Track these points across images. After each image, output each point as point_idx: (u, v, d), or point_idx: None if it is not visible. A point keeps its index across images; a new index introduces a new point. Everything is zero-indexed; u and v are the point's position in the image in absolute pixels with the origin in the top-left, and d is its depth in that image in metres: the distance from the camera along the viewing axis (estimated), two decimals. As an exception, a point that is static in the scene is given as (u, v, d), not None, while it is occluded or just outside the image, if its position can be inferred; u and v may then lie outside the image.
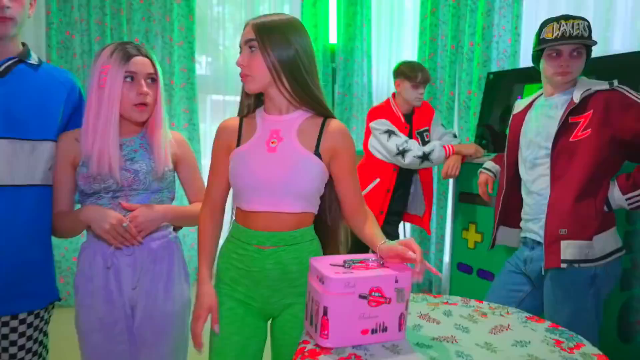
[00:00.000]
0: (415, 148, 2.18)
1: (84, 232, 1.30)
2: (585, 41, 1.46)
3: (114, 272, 1.26)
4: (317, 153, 1.13)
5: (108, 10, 2.73)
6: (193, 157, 1.40)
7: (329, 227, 1.25)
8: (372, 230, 1.16)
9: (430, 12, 2.94)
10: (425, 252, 3.12)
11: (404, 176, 2.36)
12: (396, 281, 0.95)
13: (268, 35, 1.09)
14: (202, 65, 3.36)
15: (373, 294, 0.94)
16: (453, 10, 2.81)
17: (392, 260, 1.02)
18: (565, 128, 1.47)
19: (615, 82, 1.46)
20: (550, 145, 1.49)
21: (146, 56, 1.26)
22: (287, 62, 1.09)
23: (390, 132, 2.22)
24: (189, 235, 3.18)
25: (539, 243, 1.54)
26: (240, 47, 1.13)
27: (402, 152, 2.18)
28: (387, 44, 3.48)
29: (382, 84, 3.53)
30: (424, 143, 2.34)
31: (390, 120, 2.29)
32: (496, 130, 2.37)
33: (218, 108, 3.45)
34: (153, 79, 1.27)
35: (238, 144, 1.16)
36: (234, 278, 1.17)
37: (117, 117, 1.23)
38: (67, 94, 1.30)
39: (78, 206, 1.31)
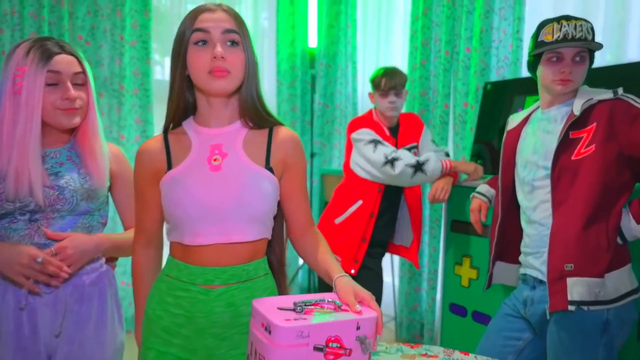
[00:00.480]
0: (407, 156, 2.13)
1: None
2: (589, 44, 1.44)
3: (28, 314, 1.18)
4: (268, 167, 1.11)
5: (46, 2, 2.68)
6: (131, 173, 1.32)
7: (276, 257, 1.21)
8: (325, 257, 1.14)
9: (422, 13, 2.95)
10: (415, 290, 3.06)
11: (391, 198, 2.30)
12: (358, 328, 0.90)
13: (244, 26, 1.08)
14: (163, 68, 3.32)
15: (331, 344, 0.88)
16: (447, 11, 2.81)
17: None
18: (565, 144, 1.45)
19: (620, 91, 1.44)
20: (549, 164, 1.47)
21: (71, 53, 1.21)
22: (254, 63, 1.10)
23: (376, 142, 2.18)
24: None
25: (541, 281, 1.51)
26: (199, 39, 1.05)
27: (392, 161, 2.12)
28: (374, 49, 3.49)
29: (368, 94, 3.50)
30: None
31: (375, 131, 2.26)
32: (495, 148, 2.34)
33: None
34: (81, 79, 1.22)
35: (169, 167, 1.11)
36: (168, 328, 1.10)
37: (39, 127, 1.16)
38: None
39: None
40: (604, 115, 1.41)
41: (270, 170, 1.11)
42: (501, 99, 2.41)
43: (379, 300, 2.35)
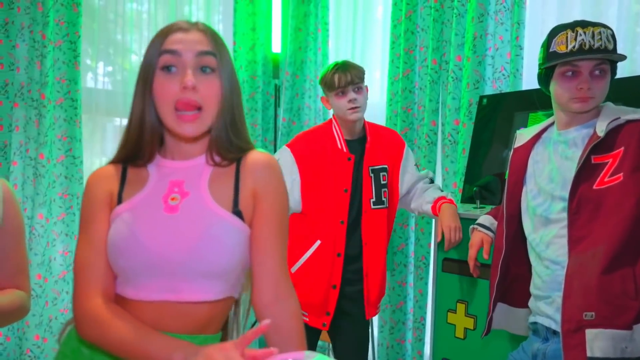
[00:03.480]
0: None
1: None
2: (610, 55, 1.44)
3: None
4: (236, 211, 1.07)
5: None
6: (18, 218, 1.29)
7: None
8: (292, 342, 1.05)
9: (405, 16, 2.96)
10: (399, 342, 2.98)
11: (360, 233, 2.17)
12: None
13: (222, 46, 1.09)
14: (95, 75, 3.23)
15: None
16: (435, 14, 2.82)
17: None
18: (586, 171, 1.44)
19: None
20: (567, 195, 1.45)
21: None
22: (233, 94, 1.09)
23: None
24: None
25: (554, 332, 1.47)
26: (167, 63, 1.04)
27: None
28: (349, 56, 3.48)
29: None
30: (379, 188, 2.17)
31: (323, 148, 2.15)
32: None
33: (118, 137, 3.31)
34: None
35: (119, 201, 1.07)
36: None
37: None
38: None
39: None
40: (635, 137, 1.41)
41: (239, 214, 1.06)
42: (500, 116, 2.40)
43: (365, 353, 2.25)
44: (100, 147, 3.28)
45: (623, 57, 1.46)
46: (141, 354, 0.96)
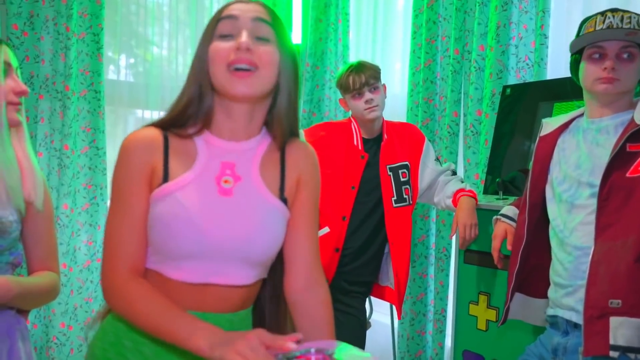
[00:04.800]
0: None
1: None
2: (636, 37, 1.41)
3: None
4: (282, 198, 1.07)
5: (-24, -17, 2.58)
6: (48, 206, 1.31)
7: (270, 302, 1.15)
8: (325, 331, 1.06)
9: (426, 5, 2.91)
10: (419, 334, 2.96)
11: (363, 232, 2.18)
12: None
13: (280, 22, 1.05)
14: (117, 67, 3.26)
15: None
16: (457, 3, 2.78)
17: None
18: (620, 159, 1.40)
19: None
20: (597, 181, 1.42)
21: None
22: (293, 67, 1.06)
23: None
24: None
25: (576, 325, 1.44)
26: (224, 29, 1.02)
27: None
28: (369, 47, 3.46)
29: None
30: (399, 186, 2.18)
31: (338, 141, 2.16)
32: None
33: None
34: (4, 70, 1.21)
35: (165, 177, 1.00)
36: None
37: None
38: None
39: None
40: None
41: (285, 201, 1.06)
42: (523, 106, 2.36)
43: (361, 347, 2.24)
44: (122, 139, 3.29)
45: None
46: (165, 332, 0.94)
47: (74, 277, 2.89)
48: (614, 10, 1.44)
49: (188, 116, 1.04)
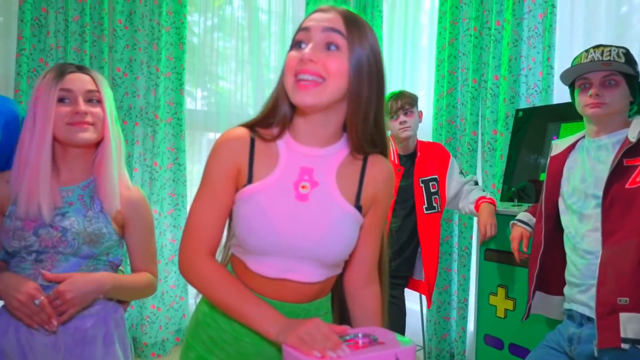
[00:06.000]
0: None
1: None
2: (616, 67, 1.36)
3: (29, 353, 1.10)
4: (357, 205, 0.96)
5: (88, 37, 2.70)
6: (147, 220, 1.26)
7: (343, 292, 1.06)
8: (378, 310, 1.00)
9: (448, 43, 2.89)
10: (445, 319, 2.91)
11: (401, 235, 2.17)
12: None
13: (358, 30, 0.89)
14: (194, 99, 3.32)
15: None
16: (474, 40, 2.74)
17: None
18: (618, 172, 1.36)
19: None
20: (600, 193, 1.37)
21: (87, 74, 1.17)
22: (369, 74, 0.89)
23: None
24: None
25: (589, 318, 1.39)
26: (298, 40, 0.90)
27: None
28: (398, 78, 3.43)
29: None
30: (430, 195, 2.16)
31: None
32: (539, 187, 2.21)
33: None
34: (95, 97, 1.15)
35: (249, 179, 0.93)
36: (213, 339, 0.98)
37: (49, 143, 1.11)
38: (6, 125, 1.18)
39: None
40: None
41: (359, 208, 0.95)
42: (534, 126, 2.30)
43: (402, 331, 2.22)
44: (198, 156, 3.35)
45: (630, 69, 1.37)
46: (235, 312, 0.90)
47: (161, 269, 2.94)
48: (597, 47, 1.42)
49: (273, 118, 0.95)
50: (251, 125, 0.97)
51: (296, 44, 0.90)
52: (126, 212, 1.20)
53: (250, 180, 0.93)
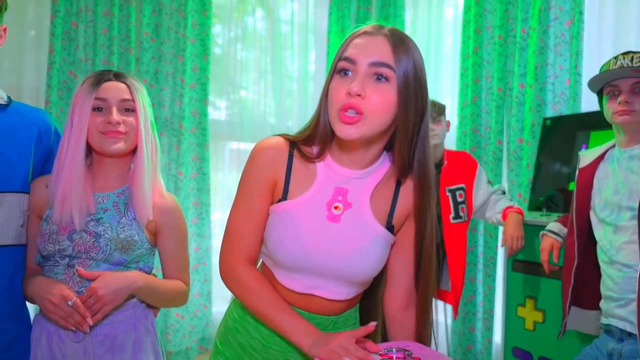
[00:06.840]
0: None
1: None
2: None
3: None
4: (389, 225, 0.95)
5: (116, 49, 2.76)
6: (180, 228, 1.25)
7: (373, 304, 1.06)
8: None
9: (472, 52, 2.86)
10: (470, 330, 2.86)
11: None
12: None
13: (405, 53, 0.86)
14: (218, 109, 3.35)
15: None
16: (499, 48, 2.71)
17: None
18: None
19: None
20: (636, 205, 1.33)
21: (123, 82, 1.18)
22: (415, 108, 0.88)
23: None
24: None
25: (630, 334, 1.33)
26: (343, 68, 0.87)
27: None
28: (423, 87, 3.39)
29: None
30: (456, 205, 2.13)
31: None
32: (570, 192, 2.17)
33: (233, 157, 3.42)
34: (130, 106, 1.17)
35: (284, 195, 0.93)
36: (242, 345, 1.00)
37: (83, 150, 1.13)
38: (39, 136, 1.21)
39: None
40: None
41: (391, 229, 0.95)
42: (562, 135, 2.27)
43: (428, 341, 2.18)
44: (221, 165, 3.37)
45: None
46: (271, 321, 0.92)
47: (185, 277, 2.97)
48: (626, 53, 1.39)
49: (315, 137, 0.95)
50: (291, 139, 0.97)
51: (340, 71, 0.88)
52: (159, 220, 1.21)
53: (285, 197, 0.94)
